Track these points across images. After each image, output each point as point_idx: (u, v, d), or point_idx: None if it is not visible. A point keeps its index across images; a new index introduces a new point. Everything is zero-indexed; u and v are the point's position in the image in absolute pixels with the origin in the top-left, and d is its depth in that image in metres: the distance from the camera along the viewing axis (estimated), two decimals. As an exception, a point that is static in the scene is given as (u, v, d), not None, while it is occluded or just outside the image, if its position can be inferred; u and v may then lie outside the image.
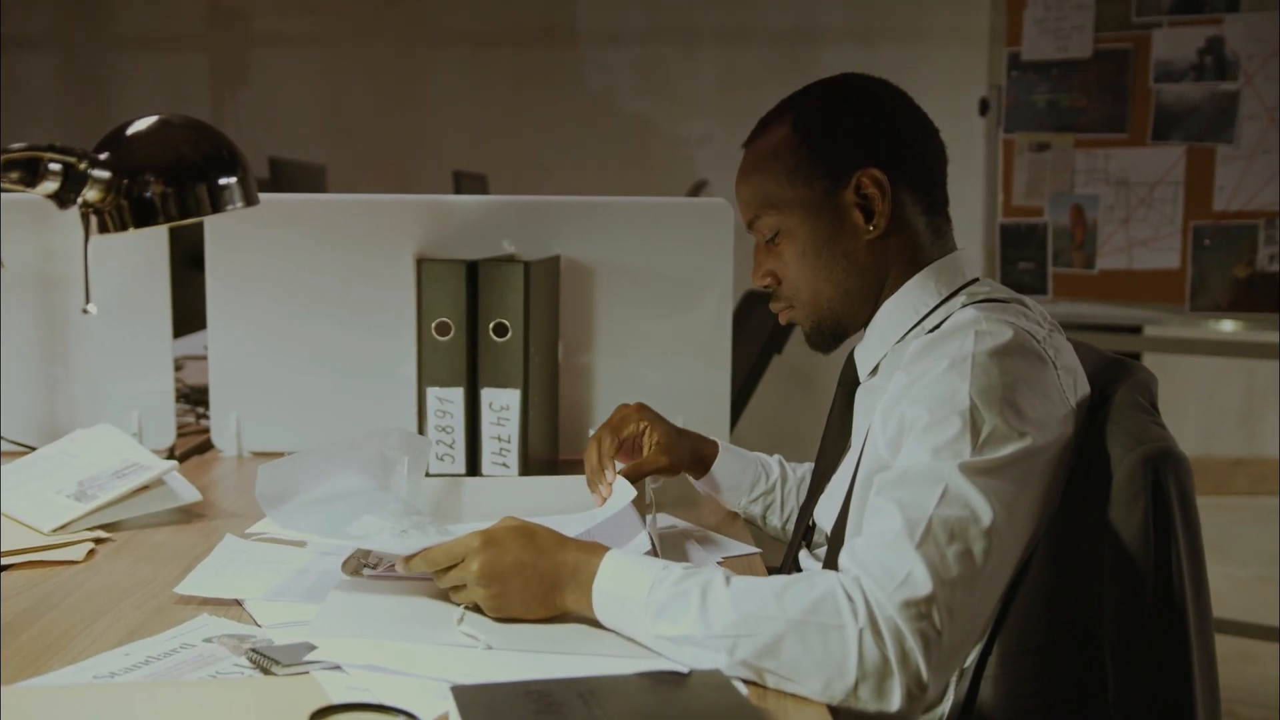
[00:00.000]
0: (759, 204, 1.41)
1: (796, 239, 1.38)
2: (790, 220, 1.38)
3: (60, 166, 0.91)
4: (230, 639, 1.22)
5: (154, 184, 0.94)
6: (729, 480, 1.67)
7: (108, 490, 1.64)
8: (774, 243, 1.41)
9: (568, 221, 2.05)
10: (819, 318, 1.40)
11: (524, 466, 1.82)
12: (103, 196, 0.93)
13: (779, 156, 1.38)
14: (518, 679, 1.05)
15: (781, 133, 1.39)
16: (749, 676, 1.11)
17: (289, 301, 2.08)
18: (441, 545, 1.30)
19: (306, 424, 2.09)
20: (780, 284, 1.42)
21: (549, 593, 1.23)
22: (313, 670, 1.12)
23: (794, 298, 1.41)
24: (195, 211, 0.98)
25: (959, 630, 1.12)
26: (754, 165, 1.42)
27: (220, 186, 0.99)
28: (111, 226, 0.97)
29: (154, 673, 1.13)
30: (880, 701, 1.08)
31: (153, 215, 0.97)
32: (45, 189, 0.91)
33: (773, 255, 1.41)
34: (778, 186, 1.38)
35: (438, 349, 1.80)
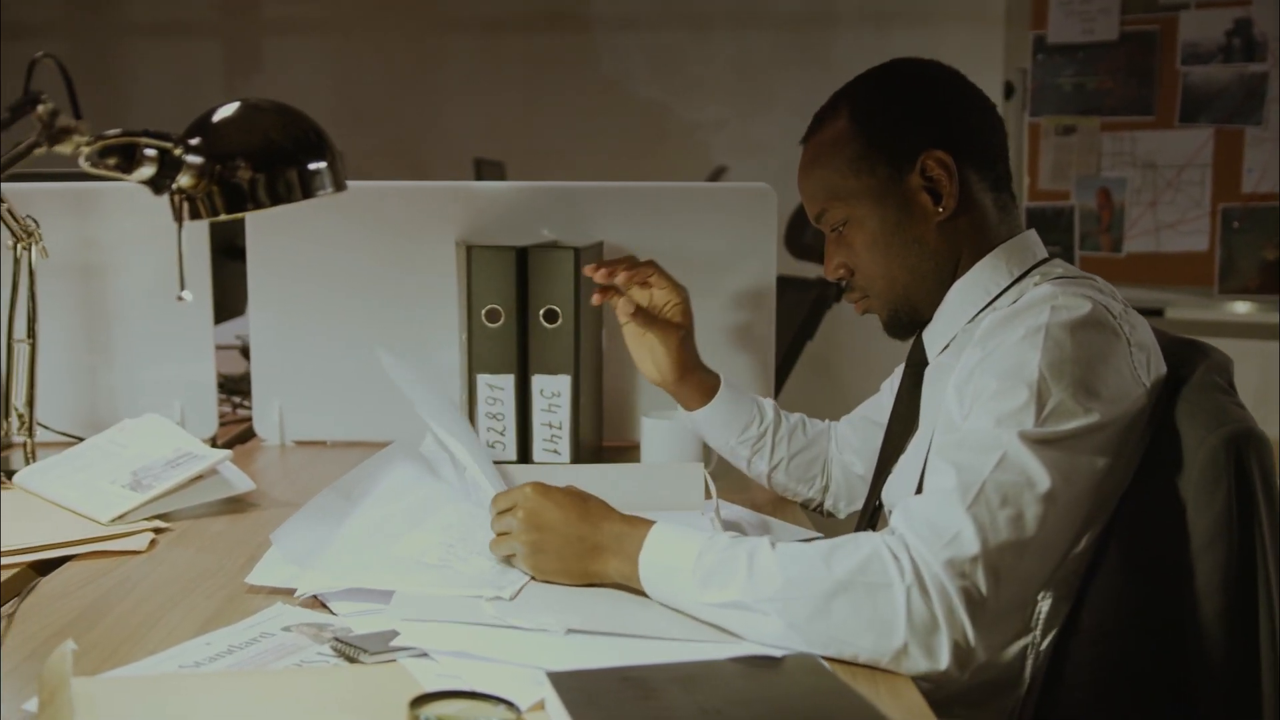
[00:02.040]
0: (824, 197, 1.40)
1: (865, 228, 1.37)
2: (857, 210, 1.37)
3: (155, 152, 0.90)
4: (309, 627, 1.21)
5: (245, 169, 0.93)
6: (723, 417, 1.66)
7: (163, 480, 1.63)
8: (843, 234, 1.40)
9: (610, 207, 2.04)
10: (895, 305, 1.40)
11: (575, 453, 1.81)
12: (195, 182, 0.92)
13: (839, 148, 1.38)
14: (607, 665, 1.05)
15: (839, 124, 1.39)
16: (798, 642, 1.11)
17: (330, 289, 2.07)
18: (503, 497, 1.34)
19: (348, 412, 2.08)
20: (853, 275, 1.41)
21: (588, 556, 1.26)
22: (399, 658, 1.11)
23: (869, 287, 1.40)
24: (286, 197, 0.97)
25: (1006, 594, 1.13)
26: (814, 159, 1.41)
27: (311, 171, 0.98)
28: (204, 212, 0.96)
29: (237, 662, 1.13)
30: (930, 660, 1.09)
31: (244, 201, 0.96)
32: (141, 175, 0.90)
33: (843, 247, 1.41)
34: (841, 178, 1.38)
35: (488, 336, 1.79)
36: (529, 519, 1.27)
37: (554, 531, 1.26)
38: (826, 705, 0.99)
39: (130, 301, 2.07)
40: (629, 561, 1.23)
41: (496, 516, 1.33)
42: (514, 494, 1.32)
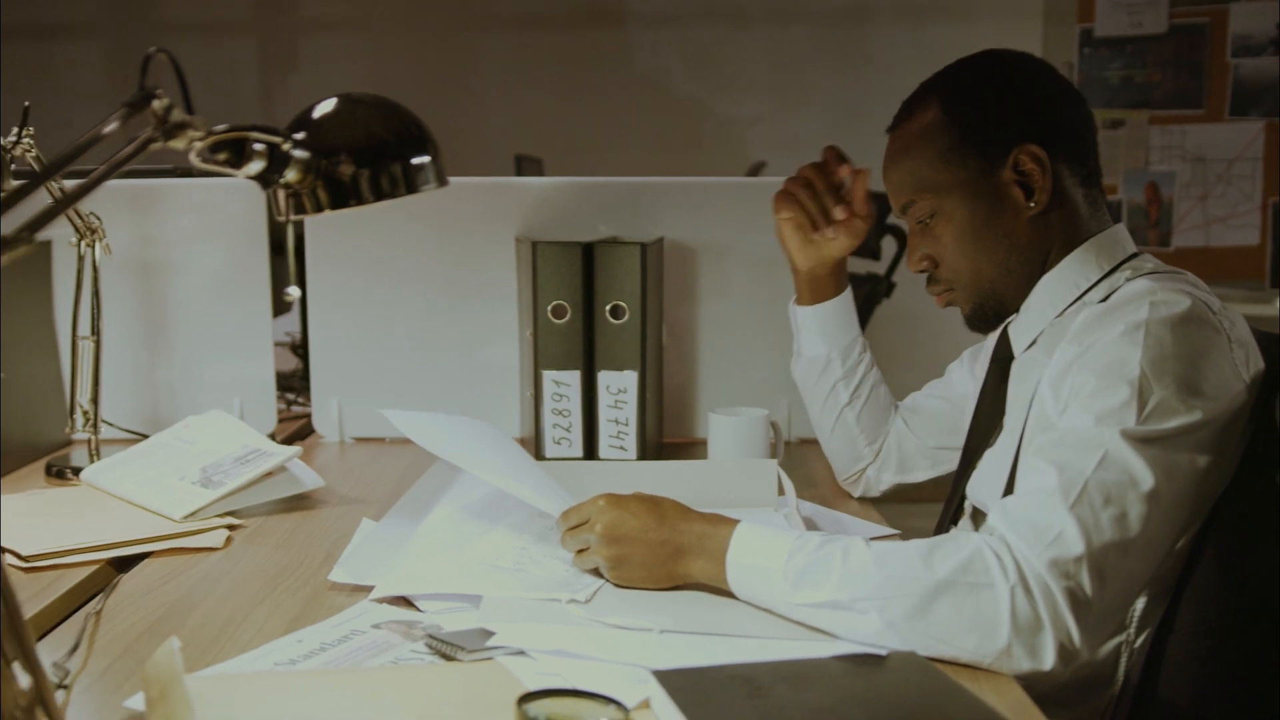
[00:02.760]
0: (912, 189, 1.38)
1: (955, 221, 1.36)
2: (947, 203, 1.36)
3: (264, 147, 0.89)
4: (399, 625, 1.20)
5: (350, 165, 0.93)
6: (839, 320, 1.63)
7: (234, 477, 1.62)
8: (930, 226, 1.38)
9: (668, 203, 2.03)
10: (981, 299, 1.38)
11: (641, 450, 1.80)
12: (300, 178, 0.91)
13: (930, 139, 1.36)
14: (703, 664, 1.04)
15: (931, 114, 1.37)
16: (895, 641, 1.10)
17: (388, 285, 2.07)
18: (574, 506, 1.34)
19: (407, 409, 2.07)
20: (937, 267, 1.40)
21: (672, 560, 1.25)
22: (496, 656, 1.11)
23: (954, 280, 1.39)
24: (390, 193, 0.96)
25: (1110, 594, 1.12)
26: (904, 149, 1.40)
27: (414, 166, 0.97)
28: (308, 208, 0.95)
29: (331, 660, 1.12)
30: (1033, 660, 1.08)
31: (349, 196, 0.95)
32: (251, 170, 0.89)
33: (929, 239, 1.39)
34: (932, 170, 1.36)
35: (554, 332, 1.78)
36: (606, 532, 1.26)
37: (634, 541, 1.25)
38: (941, 704, 0.98)
39: (189, 298, 2.07)
40: (714, 562, 1.23)
41: (568, 533, 1.31)
42: (585, 509, 1.31)
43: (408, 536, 1.42)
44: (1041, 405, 1.24)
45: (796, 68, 4.44)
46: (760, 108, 4.45)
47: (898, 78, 4.34)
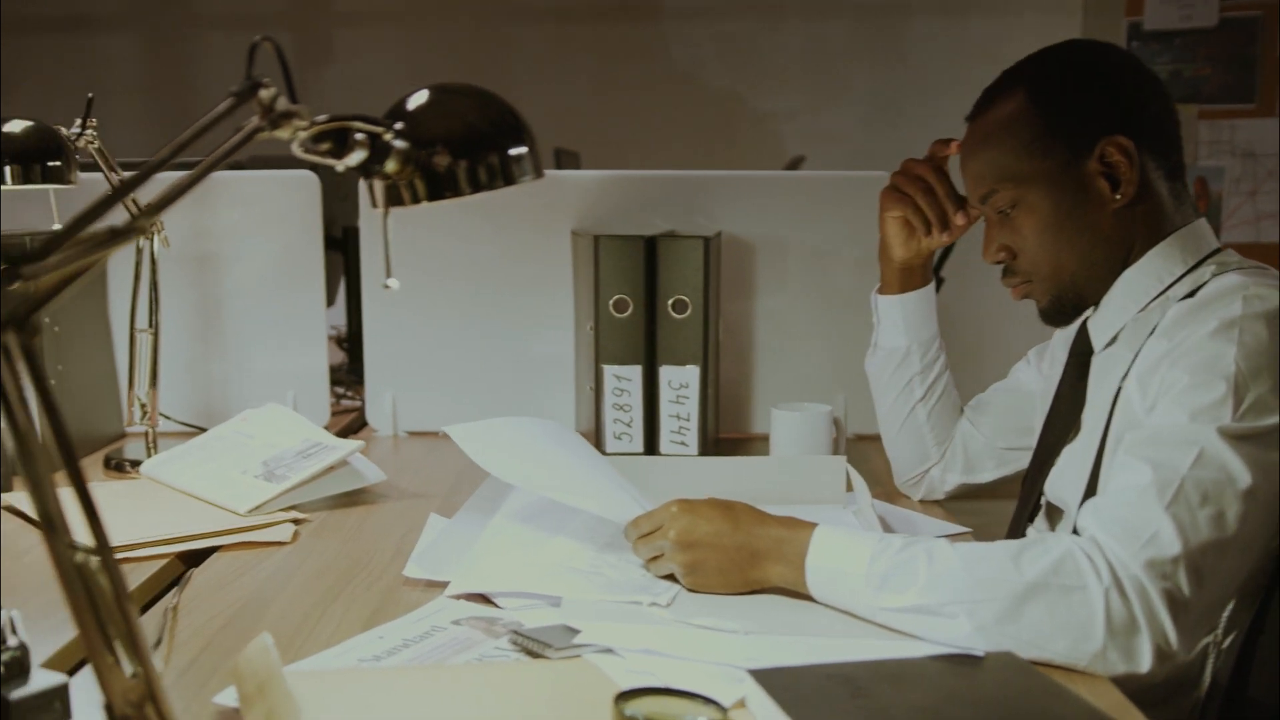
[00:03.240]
0: (994, 178, 1.36)
1: (1037, 212, 1.33)
2: (1030, 193, 1.34)
3: (366, 137, 0.88)
4: (479, 621, 1.19)
5: (447, 156, 0.91)
6: (922, 313, 1.61)
7: (297, 470, 1.62)
8: (1010, 217, 1.36)
9: (726, 197, 2.01)
10: (1060, 291, 1.36)
11: (703, 445, 1.79)
12: (399, 169, 0.90)
13: (1015, 128, 1.34)
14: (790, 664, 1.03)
15: (1015, 103, 1.35)
16: (984, 645, 1.08)
17: (442, 278, 2.05)
18: (645, 512, 1.32)
19: (460, 403, 2.06)
20: (1016, 259, 1.38)
21: (748, 565, 1.23)
22: (584, 654, 1.09)
23: (1033, 272, 1.37)
24: (487, 184, 0.94)
25: (1207, 594, 1.10)
26: (986, 138, 1.37)
27: (511, 157, 0.95)
28: (405, 199, 0.94)
29: (415, 656, 1.11)
30: (1129, 663, 1.07)
31: (446, 188, 0.93)
32: (352, 160, 0.88)
33: (1008, 229, 1.37)
34: (1015, 159, 1.34)
35: (615, 326, 1.77)
36: (680, 538, 1.25)
37: (709, 547, 1.24)
38: (1046, 704, 0.97)
39: (242, 291, 2.06)
40: (792, 566, 1.21)
41: (640, 541, 1.30)
42: (657, 516, 1.29)
43: (479, 533, 1.40)
44: (1129, 402, 1.22)
45: (832, 62, 4.41)
46: (795, 102, 4.43)
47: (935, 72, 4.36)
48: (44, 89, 4.41)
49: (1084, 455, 1.32)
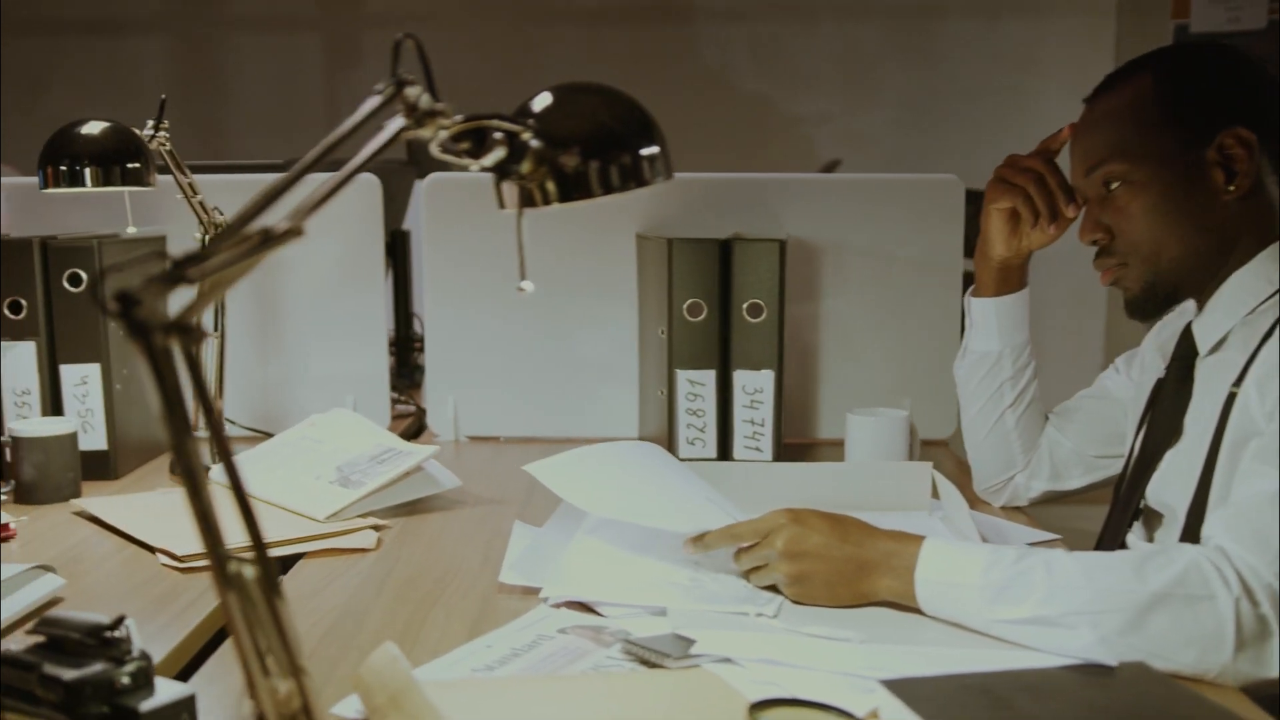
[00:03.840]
0: (1107, 151, 1.34)
1: (1146, 192, 1.32)
2: (1141, 172, 1.32)
3: (504, 136, 0.86)
4: (586, 630, 1.17)
5: (580, 156, 0.89)
6: (1016, 317, 1.58)
7: (373, 476, 1.60)
8: (1114, 195, 1.34)
9: (792, 200, 1.99)
10: (1154, 277, 1.34)
11: (776, 451, 1.77)
12: (532, 169, 0.88)
13: (1137, 107, 1.33)
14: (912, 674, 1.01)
15: (1141, 86, 1.34)
16: (1107, 656, 1.06)
17: (505, 282, 2.03)
18: (746, 521, 1.29)
19: (522, 408, 2.05)
20: (1113, 239, 1.36)
21: (856, 577, 1.21)
22: (702, 663, 1.07)
23: (1130, 254, 1.34)
24: (619, 186, 0.92)
25: None
26: (1104, 115, 1.36)
27: (644, 158, 0.93)
28: (537, 201, 0.92)
29: (528, 666, 1.09)
30: (1261, 669, 1.05)
31: (578, 189, 0.91)
32: (490, 159, 0.86)
33: (1110, 209, 1.35)
34: (1133, 134, 1.32)
35: (689, 330, 1.75)
36: (788, 548, 1.23)
37: (818, 557, 1.22)
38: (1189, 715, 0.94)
39: (302, 294, 2.04)
40: (901, 580, 1.19)
41: (744, 552, 1.28)
42: (763, 523, 1.27)
43: (571, 540, 1.38)
44: (1246, 407, 1.20)
45: (865, 64, 4.39)
46: (829, 105, 4.40)
47: (968, 75, 4.34)
48: (75, 91, 4.40)
49: (1190, 460, 1.30)
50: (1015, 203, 1.49)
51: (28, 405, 1.76)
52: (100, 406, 1.77)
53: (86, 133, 1.62)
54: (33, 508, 1.61)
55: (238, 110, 4.42)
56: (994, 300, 1.57)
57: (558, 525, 1.45)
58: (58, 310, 1.76)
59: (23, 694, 0.92)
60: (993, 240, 1.54)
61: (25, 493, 1.64)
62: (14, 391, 1.76)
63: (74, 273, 1.75)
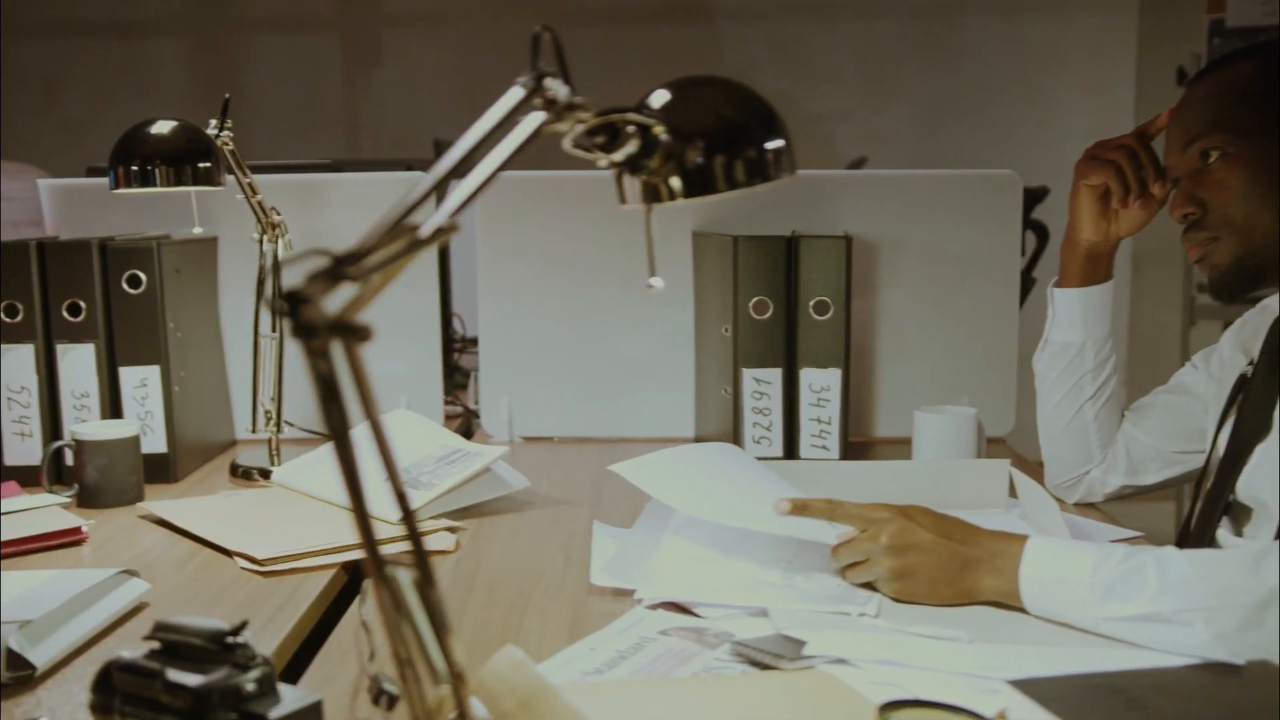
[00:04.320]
0: (1207, 124, 1.34)
1: (1244, 164, 1.31)
2: (1240, 145, 1.32)
3: (636, 129, 0.84)
4: (688, 632, 1.16)
5: (705, 151, 0.88)
6: (1101, 308, 1.57)
7: (443, 477, 1.58)
8: (1209, 170, 1.33)
9: (849, 196, 1.98)
10: (1244, 252, 1.33)
11: (843, 449, 1.75)
12: (660, 164, 0.87)
13: (1241, 86, 1.33)
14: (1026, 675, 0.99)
15: (1246, 68, 1.35)
16: (1223, 654, 1.05)
17: (558, 281, 2.02)
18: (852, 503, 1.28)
19: (576, 409, 2.03)
20: (1205, 214, 1.35)
21: (959, 575, 1.20)
22: (817, 665, 1.06)
23: (1222, 228, 1.34)
24: (744, 181, 0.91)
25: None
26: (1208, 92, 1.36)
27: (769, 152, 0.92)
28: (662, 196, 0.90)
29: (637, 668, 1.07)
30: None
31: (704, 185, 0.90)
32: (623, 153, 0.84)
33: (1205, 182, 1.34)
34: (1236, 109, 1.32)
35: (755, 328, 1.73)
36: (894, 542, 1.22)
37: (922, 553, 1.21)
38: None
39: (354, 295, 2.02)
40: (1005, 578, 1.18)
41: (845, 545, 1.26)
42: (868, 513, 1.26)
43: (659, 540, 1.37)
44: None
45: (885, 62, 4.38)
46: (849, 103, 4.39)
47: (989, 72, 4.33)
48: (92, 93, 4.38)
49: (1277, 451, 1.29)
50: (1107, 177, 1.48)
51: (86, 408, 1.74)
52: (160, 409, 1.75)
53: (157, 132, 1.60)
54: (97, 511, 1.60)
55: (256, 111, 4.39)
56: (1079, 291, 1.56)
57: (644, 526, 1.43)
58: (117, 312, 1.74)
59: (144, 701, 0.91)
60: (1081, 222, 1.53)
61: (89, 496, 1.63)
62: (73, 394, 1.74)
63: (133, 274, 1.73)
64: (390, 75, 4.42)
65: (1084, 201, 1.52)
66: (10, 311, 1.72)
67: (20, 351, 1.73)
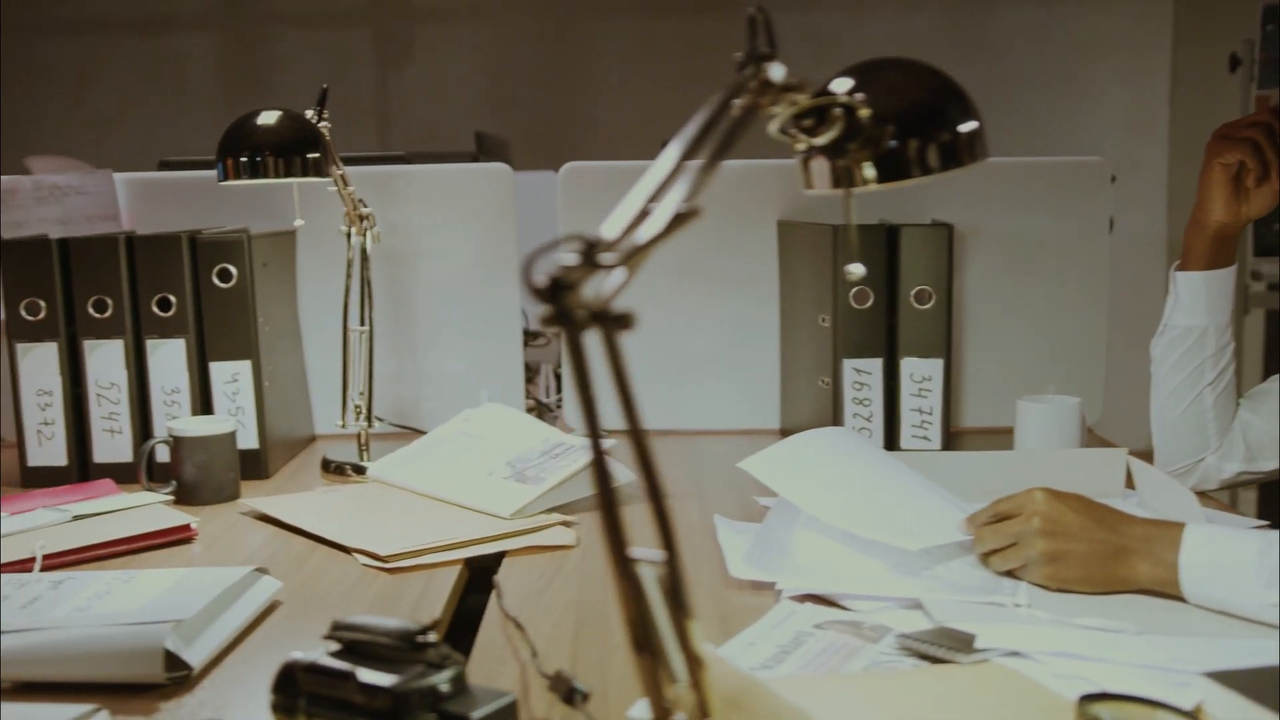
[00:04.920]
0: None
1: None
2: None
3: (842, 112, 0.82)
4: (845, 626, 1.14)
5: (899, 134, 0.86)
6: (1223, 292, 1.56)
7: (551, 471, 1.56)
8: None
9: (934, 184, 1.95)
10: None
11: (945, 440, 1.73)
12: (857, 149, 0.84)
13: None
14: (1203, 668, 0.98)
15: None
16: None
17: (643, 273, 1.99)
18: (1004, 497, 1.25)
19: (662, 401, 2.01)
20: None
21: (1113, 560, 1.18)
22: (991, 658, 1.04)
23: None
24: (938, 166, 0.89)
25: None
26: None
27: (963, 136, 0.89)
28: (857, 181, 0.88)
29: (803, 664, 1.05)
30: None
31: (897, 171, 0.88)
32: (827, 136, 0.82)
33: None
34: None
35: (855, 318, 1.71)
36: (1047, 526, 1.20)
37: (1075, 538, 1.19)
38: None
39: (433, 287, 2.00)
40: (1162, 566, 1.16)
41: (989, 527, 1.24)
42: (1016, 501, 1.24)
43: (792, 532, 1.34)
44: None
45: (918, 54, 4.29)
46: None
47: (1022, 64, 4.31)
48: (122, 89, 4.34)
49: None
50: (1243, 154, 1.46)
51: (177, 404, 1.72)
52: (251, 404, 1.73)
53: (264, 123, 1.57)
54: (195, 509, 1.57)
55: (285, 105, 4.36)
56: (1205, 274, 1.54)
57: (776, 517, 1.41)
58: (207, 306, 1.71)
59: (333, 702, 0.88)
60: (1212, 202, 1.51)
61: (188, 493, 1.60)
62: (163, 390, 1.72)
63: (224, 268, 1.71)
64: (421, 70, 4.38)
65: (1216, 181, 1.50)
66: (99, 307, 1.69)
67: (109, 347, 1.70)
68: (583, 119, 4.35)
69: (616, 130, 4.31)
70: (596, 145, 4.25)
